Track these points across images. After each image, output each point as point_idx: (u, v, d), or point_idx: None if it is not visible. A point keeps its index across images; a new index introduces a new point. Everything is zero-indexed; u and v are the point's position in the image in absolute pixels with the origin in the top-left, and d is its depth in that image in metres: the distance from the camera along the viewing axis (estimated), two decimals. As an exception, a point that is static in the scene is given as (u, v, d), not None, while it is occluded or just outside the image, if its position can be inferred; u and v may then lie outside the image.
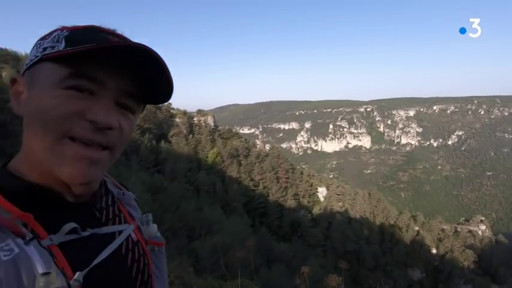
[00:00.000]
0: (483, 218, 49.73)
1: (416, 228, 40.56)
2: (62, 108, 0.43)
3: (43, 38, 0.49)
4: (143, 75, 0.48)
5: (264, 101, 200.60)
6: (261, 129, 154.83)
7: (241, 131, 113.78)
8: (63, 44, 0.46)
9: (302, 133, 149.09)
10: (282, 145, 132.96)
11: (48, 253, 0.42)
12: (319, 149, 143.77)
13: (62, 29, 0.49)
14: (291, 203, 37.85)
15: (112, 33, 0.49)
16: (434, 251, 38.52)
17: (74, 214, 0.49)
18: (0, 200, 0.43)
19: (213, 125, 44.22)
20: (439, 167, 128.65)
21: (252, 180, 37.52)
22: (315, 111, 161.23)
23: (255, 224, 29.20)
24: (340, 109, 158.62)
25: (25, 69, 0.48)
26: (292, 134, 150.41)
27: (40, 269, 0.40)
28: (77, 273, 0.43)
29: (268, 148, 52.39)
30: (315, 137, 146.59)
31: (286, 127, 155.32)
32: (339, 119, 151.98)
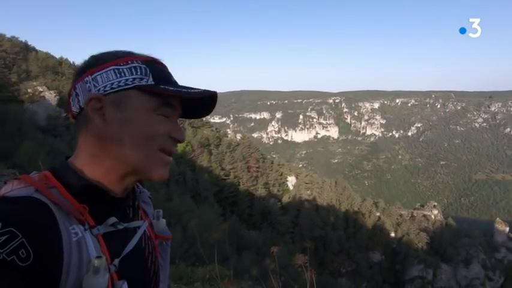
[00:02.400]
0: (436, 204, 54.09)
1: (378, 214, 43.22)
2: (158, 129, 0.59)
3: (117, 63, 0.59)
4: (199, 106, 0.65)
5: (236, 89, 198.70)
6: (232, 118, 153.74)
7: (212, 120, 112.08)
8: (151, 79, 0.59)
9: (273, 123, 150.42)
10: (253, 135, 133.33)
11: (97, 241, 0.54)
12: (289, 139, 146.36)
13: (134, 58, 0.60)
14: (261, 192, 38.44)
15: (166, 67, 0.65)
16: (392, 234, 41.45)
17: (114, 209, 0.60)
18: (64, 192, 0.54)
19: (183, 113, 43.10)
20: (400, 157, 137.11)
21: (222, 169, 37.46)
22: (286, 101, 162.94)
23: (226, 213, 29.38)
24: (310, 100, 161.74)
25: (111, 92, 0.57)
26: (263, 124, 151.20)
27: (93, 253, 0.52)
28: (115, 260, 0.55)
29: (239, 137, 52.38)
30: (286, 127, 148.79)
31: (258, 117, 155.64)
32: (309, 109, 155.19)
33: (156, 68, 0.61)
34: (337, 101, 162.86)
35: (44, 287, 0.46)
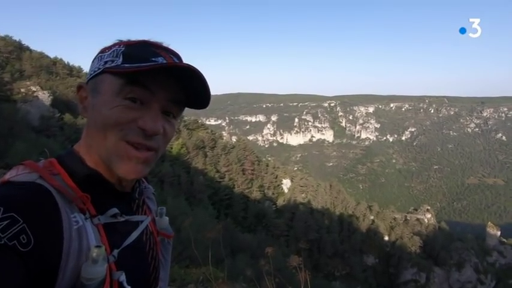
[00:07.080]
0: (429, 208, 54.32)
1: (372, 217, 43.38)
2: (119, 117, 0.53)
3: (103, 51, 0.58)
4: (186, 87, 0.56)
5: (232, 92, 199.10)
6: (227, 120, 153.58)
7: (207, 122, 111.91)
8: (120, 59, 0.54)
9: (268, 126, 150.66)
10: (248, 137, 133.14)
11: (97, 230, 0.53)
12: (284, 142, 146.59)
13: (120, 44, 0.57)
14: (256, 194, 38.33)
15: (160, 46, 0.58)
16: (386, 238, 41.62)
17: (117, 201, 0.59)
18: (68, 180, 0.53)
19: (178, 115, 42.96)
20: (394, 161, 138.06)
21: (217, 172, 37.31)
22: (282, 104, 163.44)
23: (220, 216, 29.21)
24: (306, 103, 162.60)
25: (89, 79, 0.57)
26: (258, 127, 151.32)
27: (93, 242, 0.51)
28: (114, 250, 0.54)
29: (234, 140, 52.30)
30: (281, 130, 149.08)
31: (253, 119, 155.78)
32: (304, 113, 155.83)
33: (135, 49, 0.56)
34: (332, 104, 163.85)
35: (43, 272, 0.45)
